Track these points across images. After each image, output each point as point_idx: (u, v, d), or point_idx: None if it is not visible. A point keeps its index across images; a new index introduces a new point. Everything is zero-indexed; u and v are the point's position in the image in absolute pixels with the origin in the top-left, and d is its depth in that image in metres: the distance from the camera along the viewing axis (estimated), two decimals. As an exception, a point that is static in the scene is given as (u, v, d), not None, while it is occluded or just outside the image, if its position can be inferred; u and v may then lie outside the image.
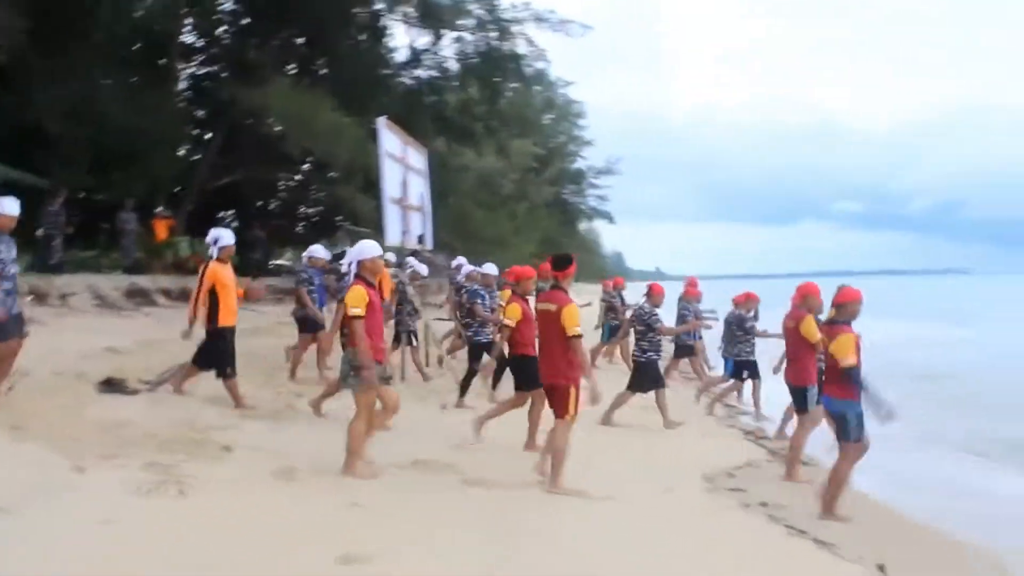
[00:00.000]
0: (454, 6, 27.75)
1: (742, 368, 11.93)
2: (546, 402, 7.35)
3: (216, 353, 8.72)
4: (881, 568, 5.66)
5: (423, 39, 29.89)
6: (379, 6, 28.75)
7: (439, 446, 8.01)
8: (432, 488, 6.67)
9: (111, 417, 7.52)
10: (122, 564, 4.57)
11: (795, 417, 8.68)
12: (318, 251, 11.77)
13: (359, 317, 6.54)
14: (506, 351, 8.71)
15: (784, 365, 8.73)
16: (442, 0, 27.61)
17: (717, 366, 13.99)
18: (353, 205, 26.42)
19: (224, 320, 8.75)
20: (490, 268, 11.77)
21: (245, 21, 27.98)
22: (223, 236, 9.01)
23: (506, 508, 6.29)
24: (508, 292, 11.01)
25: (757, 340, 11.85)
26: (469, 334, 10.84)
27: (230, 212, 34.61)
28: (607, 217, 59.30)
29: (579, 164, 56.76)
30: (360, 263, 6.80)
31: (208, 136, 27.25)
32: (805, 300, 8.33)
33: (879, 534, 6.86)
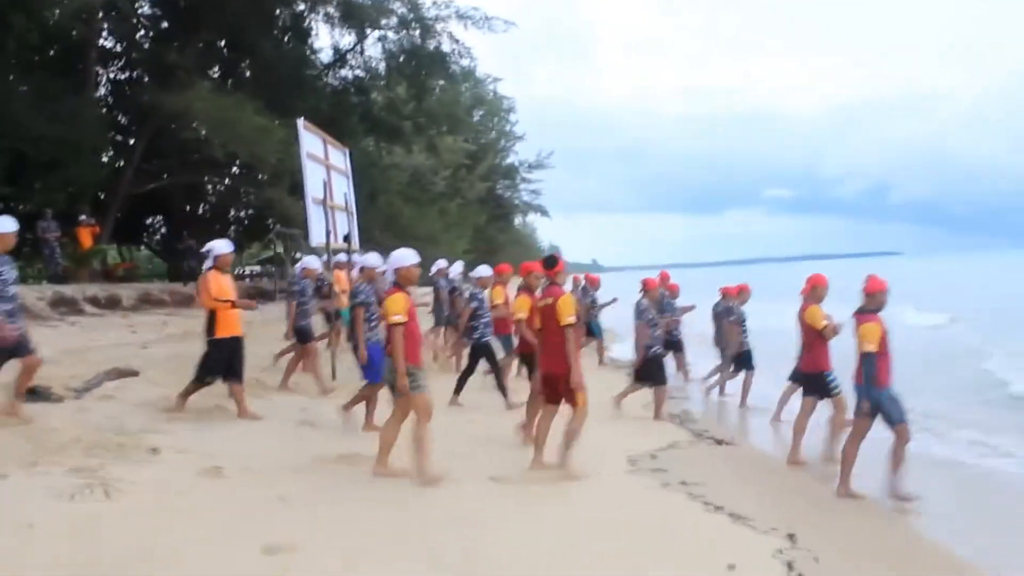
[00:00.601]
0: (376, 5, 27.82)
1: (743, 360, 12.42)
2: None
3: (211, 362, 8.74)
4: (791, 537, 5.95)
5: (347, 39, 29.93)
6: (301, 7, 28.69)
7: (363, 440, 8.15)
8: (360, 480, 6.82)
9: (36, 425, 7.50)
10: (44, 566, 4.65)
11: (801, 400, 8.96)
12: (312, 262, 11.83)
13: (400, 324, 6.65)
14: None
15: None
16: (364, -1, 27.64)
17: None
18: (283, 207, 26.32)
19: (222, 331, 8.74)
20: (484, 270, 11.84)
21: (164, 25, 27.69)
22: (217, 246, 8.98)
23: (433, 497, 6.46)
24: (498, 290, 11.33)
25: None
26: (475, 336, 10.98)
27: (158, 218, 34.18)
28: (541, 211, 59.81)
29: (511, 159, 57.08)
30: (397, 271, 6.94)
31: (132, 142, 26.88)
32: (814, 290, 8.72)
33: (794, 505, 7.24)
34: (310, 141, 11.54)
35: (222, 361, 8.74)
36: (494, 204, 53.33)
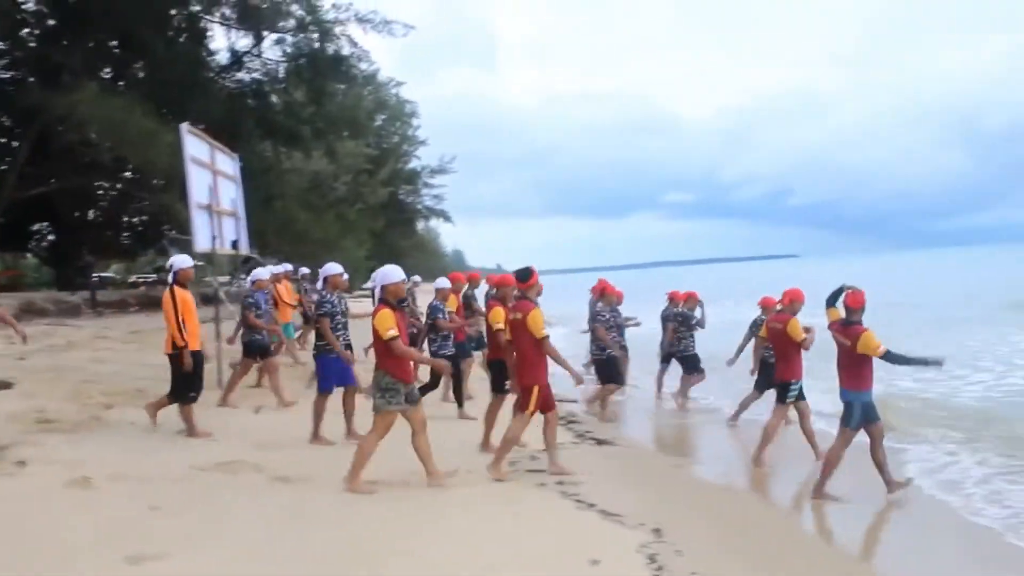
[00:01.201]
0: (273, 7, 27.44)
1: (685, 362, 12.94)
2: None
3: (191, 378, 8.63)
4: (657, 532, 6.18)
5: (243, 41, 29.44)
6: (196, 7, 28.08)
7: (247, 447, 8.13)
8: (234, 487, 6.80)
9: None
10: None
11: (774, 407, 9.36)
12: (261, 274, 11.70)
13: (396, 338, 6.78)
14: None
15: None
16: (261, 1, 27.21)
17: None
18: (177, 213, 25.67)
19: (192, 345, 8.63)
20: (443, 282, 11.61)
21: (51, 22, 26.74)
22: (178, 260, 8.88)
23: (306, 503, 6.48)
24: (452, 299, 11.39)
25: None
26: (433, 349, 10.73)
27: (46, 224, 33.01)
28: (444, 216, 59.66)
29: (414, 164, 56.86)
30: (385, 287, 7.01)
31: (15, 144, 25.92)
32: (792, 304, 9.25)
33: (667, 502, 7.52)
34: (195, 145, 11.36)
35: (194, 375, 8.65)
36: (396, 209, 53.00)
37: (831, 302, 8.06)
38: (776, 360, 9.50)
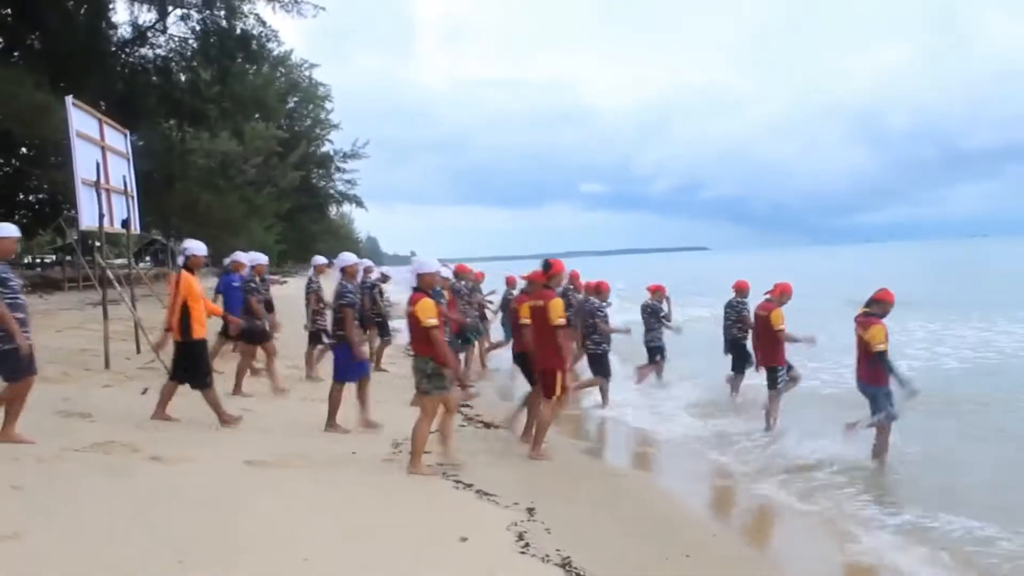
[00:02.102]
0: (178, -20, 26.74)
1: (655, 352, 13.22)
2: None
3: (193, 366, 8.60)
4: (530, 510, 6.30)
5: (147, 16, 28.60)
6: (96, -22, 27.17)
7: (127, 428, 7.97)
8: (105, 467, 6.65)
9: None
10: None
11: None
12: (261, 258, 11.74)
13: (435, 327, 7.09)
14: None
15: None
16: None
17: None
18: (73, 191, 24.83)
19: (197, 332, 8.58)
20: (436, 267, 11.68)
21: (-63, -12, 25.58)
22: (192, 245, 8.97)
23: (180, 483, 6.39)
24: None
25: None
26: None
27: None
28: (356, 201, 59.05)
29: (326, 148, 56.08)
30: (420, 276, 7.30)
31: None
32: (781, 295, 10.03)
33: (546, 482, 7.65)
34: (82, 120, 11.03)
35: (203, 362, 8.69)
36: (308, 194, 52.24)
37: (868, 304, 8.56)
38: (759, 346, 10.22)
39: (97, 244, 12.31)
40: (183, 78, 30.45)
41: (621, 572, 5.44)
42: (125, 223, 12.25)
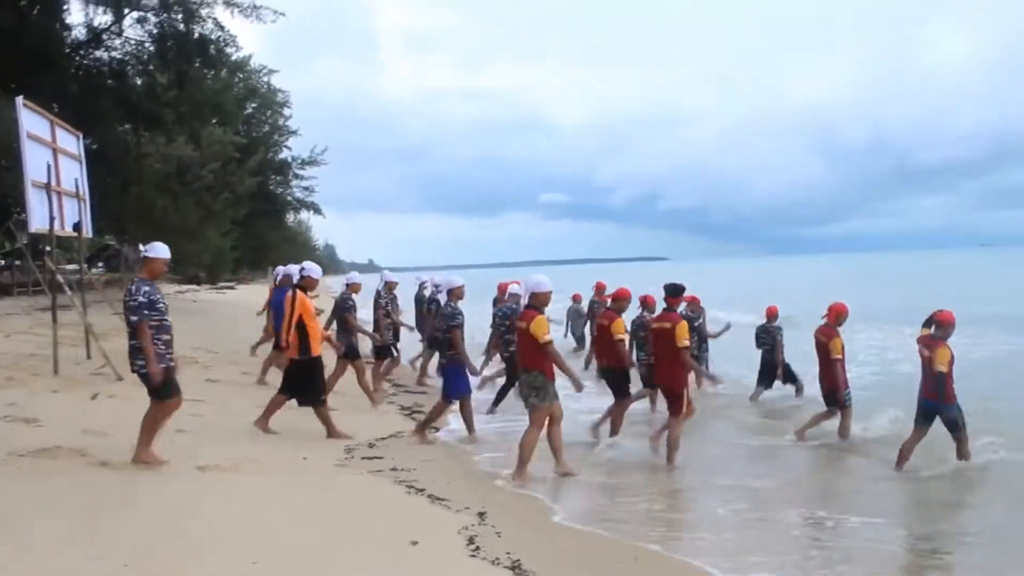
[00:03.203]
0: (134, -17, 26.38)
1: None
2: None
3: (309, 383, 8.86)
4: (481, 515, 6.33)
5: (103, 18, 28.17)
6: (50, -22, 26.74)
7: (75, 433, 7.86)
8: (51, 472, 6.56)
9: None
10: None
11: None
12: (355, 276, 12.14)
13: (551, 343, 7.54)
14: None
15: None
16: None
17: None
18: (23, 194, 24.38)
19: (315, 350, 8.89)
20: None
21: None
22: (309, 267, 9.43)
23: (128, 489, 6.34)
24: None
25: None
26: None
27: None
28: (314, 208, 58.61)
29: (284, 154, 55.63)
30: (535, 295, 7.72)
31: None
32: (838, 317, 9.83)
33: (496, 487, 7.69)
34: (32, 121, 10.87)
35: (319, 380, 9.02)
36: (265, 200, 51.71)
37: (927, 324, 8.70)
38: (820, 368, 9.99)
39: (47, 248, 12.11)
40: (139, 81, 30.03)
41: (571, 574, 5.48)
42: (77, 226, 12.08)
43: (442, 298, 10.59)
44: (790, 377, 12.71)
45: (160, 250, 7.13)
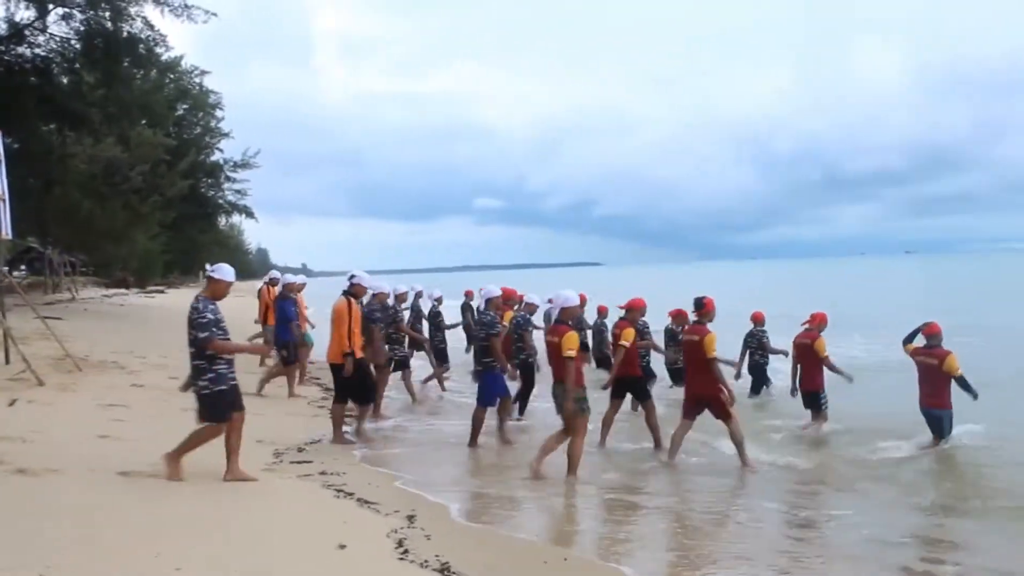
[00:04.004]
0: (59, -22, 25.71)
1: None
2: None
3: (359, 384, 9.47)
4: (411, 518, 6.33)
5: (26, 13, 27.39)
6: (-33, -27, 25.92)
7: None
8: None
9: None
10: None
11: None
12: (382, 286, 12.34)
13: (573, 359, 7.82)
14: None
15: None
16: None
17: None
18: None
19: (358, 355, 9.42)
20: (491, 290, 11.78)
21: None
22: (359, 275, 9.90)
23: (47, 495, 6.16)
24: (508, 314, 11.93)
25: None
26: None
27: None
28: (246, 212, 57.63)
29: (216, 157, 54.62)
30: (564, 310, 8.13)
31: None
32: (820, 324, 10.75)
33: (426, 490, 7.69)
34: (-51, 118, 10.52)
35: (368, 382, 9.68)
36: (196, 203, 50.75)
37: (909, 340, 9.65)
38: (803, 373, 10.76)
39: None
40: (65, 80, 29.26)
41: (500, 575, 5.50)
42: (-4, 227, 11.73)
43: (478, 304, 10.75)
44: (763, 379, 13.36)
45: (226, 272, 7.13)
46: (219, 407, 6.86)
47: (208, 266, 7.43)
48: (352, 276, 9.81)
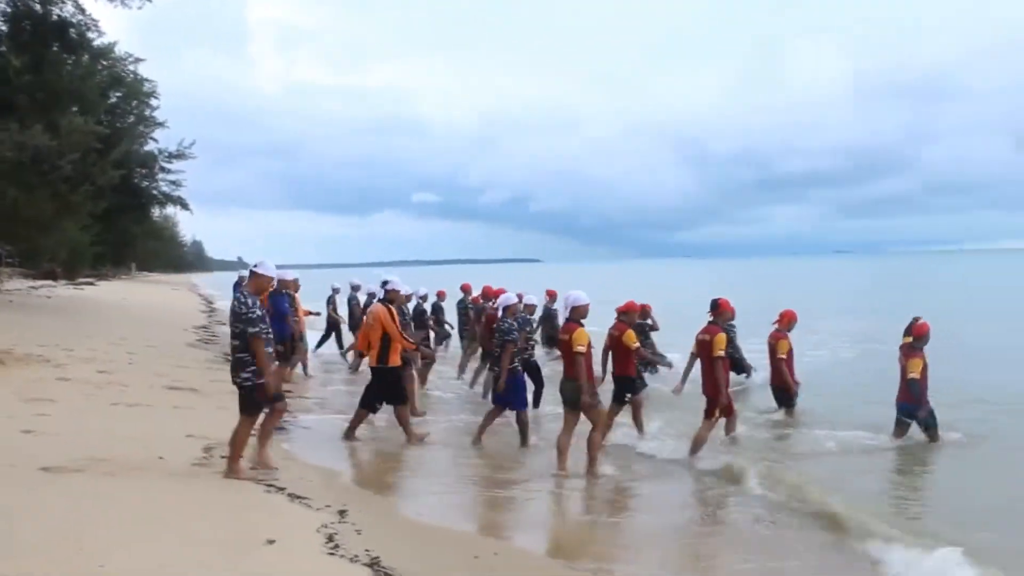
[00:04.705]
0: (-17, -41, 24.94)
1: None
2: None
3: (392, 388, 9.57)
4: (342, 513, 6.30)
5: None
6: None
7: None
8: None
9: None
10: None
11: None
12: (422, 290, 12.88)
13: (583, 354, 8.17)
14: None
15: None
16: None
17: None
18: None
19: (393, 360, 9.56)
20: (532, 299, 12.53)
21: None
22: (394, 281, 10.02)
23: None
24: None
25: None
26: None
27: None
28: (181, 203, 56.42)
29: (150, 147, 53.40)
30: (575, 308, 8.42)
31: None
32: (789, 323, 11.46)
33: (359, 484, 7.70)
34: None
35: (400, 386, 9.68)
36: (129, 193, 49.52)
37: (906, 333, 9.80)
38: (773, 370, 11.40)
39: None
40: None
41: (430, 570, 5.51)
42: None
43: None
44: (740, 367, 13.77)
45: (269, 268, 7.44)
46: (259, 399, 7.12)
47: (250, 263, 7.48)
48: (387, 282, 9.96)
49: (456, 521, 6.93)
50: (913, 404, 9.49)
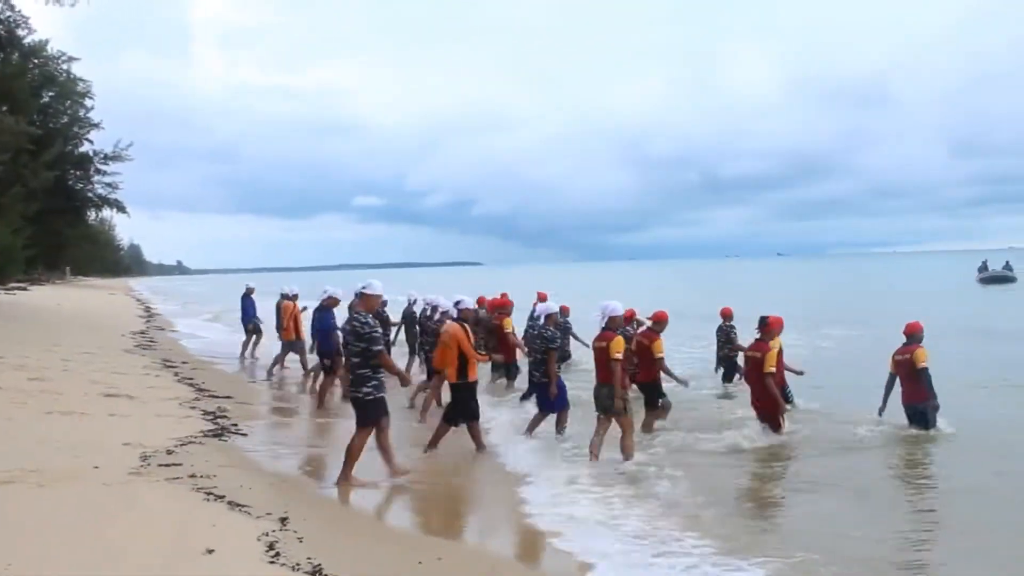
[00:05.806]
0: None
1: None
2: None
3: (468, 404, 9.47)
4: (283, 520, 6.18)
5: None
6: None
7: None
8: None
9: None
10: None
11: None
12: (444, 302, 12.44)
13: (619, 361, 8.61)
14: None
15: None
16: None
17: None
18: None
19: (472, 375, 9.56)
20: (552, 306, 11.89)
21: None
22: (465, 300, 10.35)
23: None
24: (507, 320, 13.09)
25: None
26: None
27: None
28: (118, 206, 55.20)
29: (85, 148, 52.13)
30: (612, 319, 8.85)
31: None
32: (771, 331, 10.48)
33: (301, 491, 7.58)
34: None
35: (476, 403, 9.60)
36: (63, 196, 48.34)
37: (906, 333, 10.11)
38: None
39: None
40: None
41: (373, 576, 5.44)
42: None
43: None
44: (734, 369, 13.68)
45: (377, 288, 8.02)
46: (377, 411, 7.76)
47: (359, 285, 7.65)
48: (459, 302, 10.29)
49: (402, 525, 6.86)
50: (920, 403, 9.75)
